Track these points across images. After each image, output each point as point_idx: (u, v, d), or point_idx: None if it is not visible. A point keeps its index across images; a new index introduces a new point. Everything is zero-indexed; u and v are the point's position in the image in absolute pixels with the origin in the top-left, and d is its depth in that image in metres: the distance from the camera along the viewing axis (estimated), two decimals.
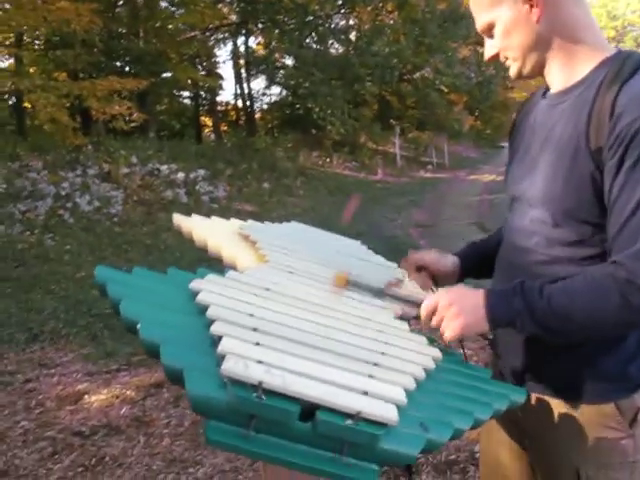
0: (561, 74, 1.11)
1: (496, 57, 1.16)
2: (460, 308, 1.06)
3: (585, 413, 1.11)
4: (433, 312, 1.10)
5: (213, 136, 21.57)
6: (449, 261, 1.40)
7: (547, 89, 1.18)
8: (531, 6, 1.06)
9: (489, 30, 1.12)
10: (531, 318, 1.02)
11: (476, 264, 1.42)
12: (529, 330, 1.04)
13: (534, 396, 1.16)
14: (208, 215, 1.80)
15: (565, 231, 1.07)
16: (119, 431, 3.07)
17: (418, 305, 1.17)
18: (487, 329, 1.07)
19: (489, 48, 1.16)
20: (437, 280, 1.39)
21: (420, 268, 1.40)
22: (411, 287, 1.51)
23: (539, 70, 1.13)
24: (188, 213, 1.71)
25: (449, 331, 1.06)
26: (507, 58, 1.14)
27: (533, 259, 1.14)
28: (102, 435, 3.03)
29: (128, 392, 3.53)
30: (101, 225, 8.22)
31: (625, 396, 1.10)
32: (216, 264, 1.43)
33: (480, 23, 1.13)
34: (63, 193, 8.61)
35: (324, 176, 15.49)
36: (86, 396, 3.49)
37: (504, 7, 1.08)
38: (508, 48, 1.11)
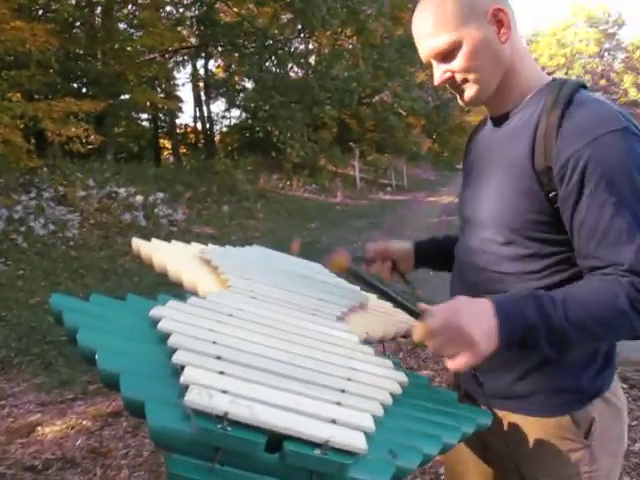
0: (505, 98, 1.15)
1: (449, 81, 1.13)
2: (466, 323, 0.95)
3: (542, 426, 1.13)
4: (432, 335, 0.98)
5: (172, 159, 21.38)
6: (402, 244, 1.51)
7: (491, 114, 1.22)
8: (499, 27, 1.08)
9: (450, 51, 1.08)
10: (547, 330, 0.96)
11: (432, 255, 1.50)
12: (543, 344, 0.98)
13: (495, 411, 1.17)
14: (167, 238, 1.77)
15: (513, 248, 1.11)
16: (74, 464, 2.95)
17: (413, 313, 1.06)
18: (494, 349, 0.96)
19: (442, 72, 1.12)
20: (398, 266, 1.49)
21: (379, 257, 1.50)
22: (377, 309, 1.51)
23: (494, 93, 1.13)
24: (146, 236, 1.68)
25: (460, 360, 0.96)
26: (466, 81, 1.11)
27: (485, 277, 1.17)
28: (56, 469, 2.90)
29: (84, 422, 3.40)
30: (56, 249, 8.00)
31: (579, 407, 1.13)
32: (176, 288, 1.40)
33: (439, 45, 1.08)
34: (16, 216, 8.36)
35: (284, 199, 15.50)
36: (39, 428, 3.34)
37: (471, 27, 1.06)
38: (472, 70, 1.09)
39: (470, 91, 1.13)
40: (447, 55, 1.10)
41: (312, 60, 21.08)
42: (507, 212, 1.10)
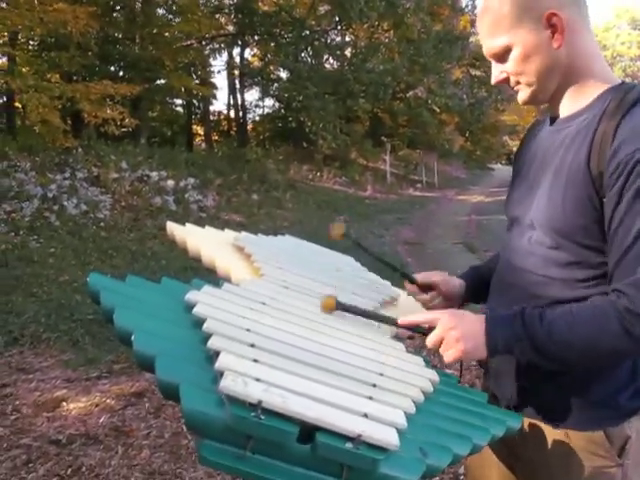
0: (569, 101, 1.12)
1: (504, 81, 1.14)
2: (460, 333, 1.05)
3: (575, 440, 1.11)
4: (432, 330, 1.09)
5: (204, 145, 21.56)
6: (457, 282, 1.41)
7: (553, 115, 1.19)
8: (553, 32, 1.05)
9: (503, 54, 1.10)
10: (531, 346, 1.02)
11: (477, 289, 1.41)
12: (528, 357, 1.04)
13: (526, 420, 1.15)
14: (196, 224, 1.78)
15: (563, 253, 1.08)
16: (97, 441, 3.00)
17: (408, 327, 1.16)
18: (485, 355, 1.06)
19: (498, 72, 1.13)
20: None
21: (427, 289, 1.40)
22: (407, 304, 1.49)
23: (551, 96, 1.13)
24: (176, 221, 1.69)
25: (448, 355, 1.06)
26: (519, 83, 1.12)
27: (529, 279, 1.14)
28: (79, 444, 2.95)
29: (108, 401, 3.46)
30: (87, 229, 8.13)
31: (615, 424, 1.10)
32: (203, 273, 1.41)
33: (493, 46, 1.10)
34: (50, 195, 8.51)
35: (313, 190, 15.50)
36: (64, 403, 3.41)
37: (523, 31, 1.06)
38: (523, 73, 1.09)
39: (522, 93, 1.13)
40: (501, 57, 1.11)
41: (348, 52, 20.96)
42: (560, 216, 1.07)
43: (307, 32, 17.17)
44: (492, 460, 1.28)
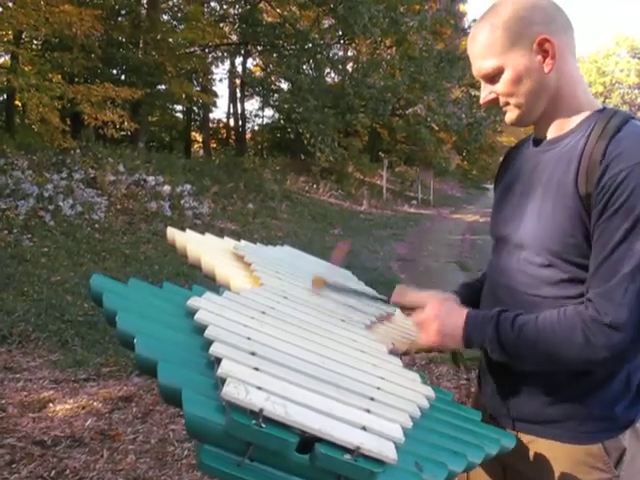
0: (555, 124, 1.16)
1: (492, 102, 1.18)
2: (441, 325, 1.15)
3: (571, 453, 1.11)
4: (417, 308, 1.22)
5: (202, 152, 21.59)
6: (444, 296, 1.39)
7: (538, 136, 1.22)
8: (544, 57, 1.09)
9: (494, 75, 1.13)
10: (500, 347, 1.10)
11: (471, 304, 1.41)
12: (497, 356, 1.12)
13: (522, 435, 1.16)
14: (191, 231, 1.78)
15: (554, 271, 1.10)
16: (82, 443, 2.98)
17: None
18: (459, 347, 1.19)
19: (487, 93, 1.17)
20: None
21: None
22: (403, 320, 1.50)
23: (538, 118, 1.16)
24: (172, 227, 1.69)
25: (424, 339, 1.18)
26: (508, 104, 1.15)
27: (520, 299, 1.15)
28: (64, 446, 2.93)
29: (95, 403, 3.44)
30: (81, 230, 8.10)
31: (611, 437, 1.11)
32: (196, 279, 1.41)
33: (485, 67, 1.14)
34: (46, 195, 8.47)
35: (309, 202, 15.52)
36: (51, 404, 3.39)
37: (515, 55, 1.10)
38: (513, 95, 1.13)
39: (511, 114, 1.17)
40: (492, 78, 1.15)
41: (349, 67, 21.09)
42: (549, 234, 1.09)
43: (310, 45, 17.22)
44: (484, 477, 1.28)
